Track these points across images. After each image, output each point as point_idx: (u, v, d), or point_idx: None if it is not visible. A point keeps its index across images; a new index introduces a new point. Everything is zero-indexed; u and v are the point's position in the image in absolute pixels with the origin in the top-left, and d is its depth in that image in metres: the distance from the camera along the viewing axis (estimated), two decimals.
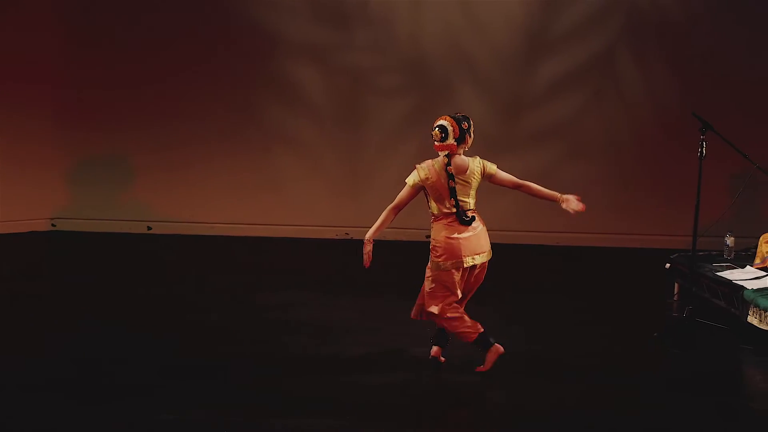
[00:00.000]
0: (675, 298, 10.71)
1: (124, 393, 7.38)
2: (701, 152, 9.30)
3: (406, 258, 10.56)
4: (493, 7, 13.98)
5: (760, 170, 9.93)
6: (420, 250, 13.47)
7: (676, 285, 10.78)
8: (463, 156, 8.21)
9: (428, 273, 8.08)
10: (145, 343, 8.73)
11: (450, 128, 8.06)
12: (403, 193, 8.04)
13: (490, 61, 14.11)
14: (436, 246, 8.03)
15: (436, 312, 7.98)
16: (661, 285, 11.00)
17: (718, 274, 9.86)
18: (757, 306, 8.79)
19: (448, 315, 7.99)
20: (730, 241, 10.72)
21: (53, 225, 14.39)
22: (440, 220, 8.03)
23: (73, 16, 14.20)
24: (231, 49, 14.17)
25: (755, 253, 10.39)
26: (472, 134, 8.29)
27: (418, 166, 8.08)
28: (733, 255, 10.70)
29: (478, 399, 7.53)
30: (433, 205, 8.05)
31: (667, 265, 10.87)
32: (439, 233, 8.01)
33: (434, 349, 8.24)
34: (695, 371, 8.27)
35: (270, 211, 14.19)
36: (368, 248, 7.94)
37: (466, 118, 8.21)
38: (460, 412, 7.34)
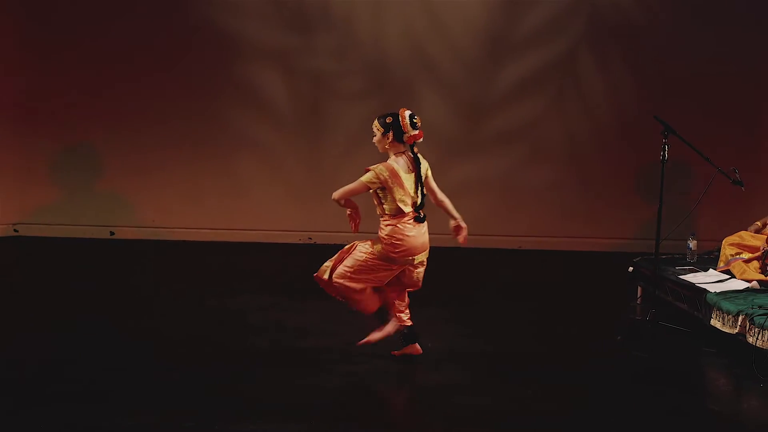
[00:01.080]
0: (638, 301, 10.74)
1: (74, 398, 7.30)
2: (663, 155, 9.35)
3: None
4: (454, 10, 13.98)
5: (721, 173, 9.96)
6: None
7: (639, 288, 10.80)
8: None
9: (366, 253, 8.22)
10: (101, 349, 8.63)
11: (396, 122, 8.33)
12: (357, 188, 8.24)
13: (452, 64, 14.11)
14: (395, 242, 8.15)
15: (349, 285, 8.23)
16: (623, 288, 11.02)
17: (681, 277, 9.89)
18: (720, 309, 8.81)
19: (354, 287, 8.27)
20: (692, 244, 10.75)
21: (15, 230, 14.28)
22: (398, 217, 8.18)
23: (31, 21, 14.07)
24: (192, 53, 14.09)
25: (718, 256, 10.43)
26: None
27: (376, 168, 8.20)
28: (696, 258, 10.73)
29: (443, 400, 7.51)
30: (390, 204, 8.17)
31: (630, 268, 10.89)
32: (399, 231, 8.18)
33: (409, 348, 8.38)
34: (657, 374, 8.30)
35: (233, 216, 14.13)
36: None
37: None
38: (427, 413, 7.32)
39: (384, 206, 8.23)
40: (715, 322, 8.87)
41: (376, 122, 8.37)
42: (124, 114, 14.14)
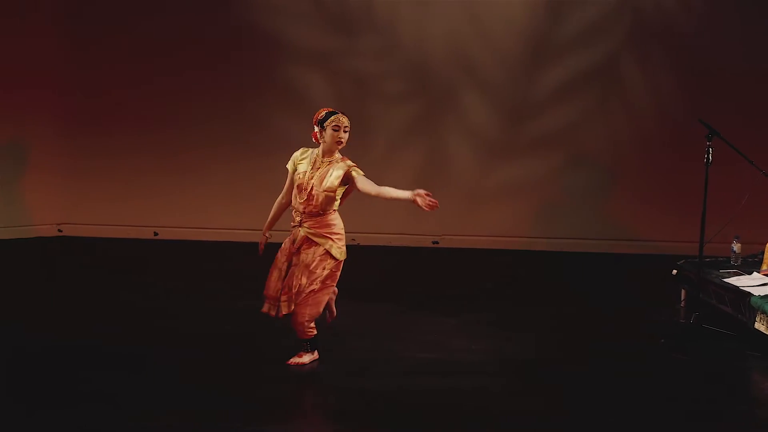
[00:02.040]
0: (682, 304, 10.68)
1: (93, 399, 7.31)
2: (708, 159, 9.31)
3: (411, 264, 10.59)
4: (496, 13, 13.97)
5: (766, 176, 9.90)
6: (426, 255, 13.52)
7: (682, 291, 10.75)
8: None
9: (330, 269, 8.14)
10: (131, 349, 8.65)
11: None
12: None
13: (494, 66, 14.09)
14: (341, 235, 8.22)
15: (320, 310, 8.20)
16: (667, 291, 10.97)
17: (725, 280, 9.83)
18: (764, 312, 8.76)
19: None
20: (736, 247, 10.68)
21: (59, 230, 14.38)
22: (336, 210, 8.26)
23: (77, 21, 14.20)
24: (235, 53, 14.16)
25: (762, 259, 10.37)
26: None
27: (352, 163, 8.17)
28: (740, 261, 10.67)
29: (476, 403, 7.51)
30: (340, 197, 8.22)
31: (674, 271, 10.83)
32: (340, 222, 8.24)
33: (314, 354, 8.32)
34: (701, 378, 8.26)
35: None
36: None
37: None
38: (462, 417, 7.32)
39: (337, 201, 8.19)
40: (759, 326, 8.82)
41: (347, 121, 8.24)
42: (167, 113, 14.22)
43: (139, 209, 14.34)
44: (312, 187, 8.06)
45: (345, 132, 8.13)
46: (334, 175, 8.04)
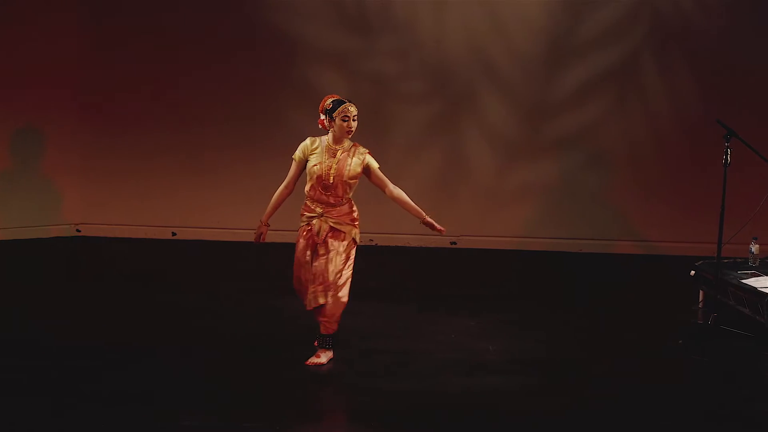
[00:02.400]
0: (699, 305, 10.66)
1: (126, 399, 7.34)
2: (726, 159, 9.29)
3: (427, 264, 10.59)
4: (515, 13, 13.96)
5: None
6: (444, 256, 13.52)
7: (700, 292, 10.73)
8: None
9: (350, 254, 8.19)
10: (155, 349, 8.70)
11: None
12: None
13: (512, 67, 14.08)
14: (358, 220, 8.32)
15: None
16: (685, 292, 10.96)
17: (743, 281, 9.80)
18: None
19: None
20: (755, 248, 10.66)
21: (78, 230, 14.43)
22: None
23: (95, 21, 14.24)
24: (254, 54, 14.18)
25: None
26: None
27: (365, 149, 8.30)
28: (758, 262, 10.64)
29: (497, 403, 7.52)
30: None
31: (692, 272, 10.81)
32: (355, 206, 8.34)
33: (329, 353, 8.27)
34: (719, 379, 8.25)
35: (294, 217, 14.13)
36: None
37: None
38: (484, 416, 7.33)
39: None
40: None
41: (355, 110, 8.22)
42: (185, 114, 14.24)
43: (158, 209, 14.37)
44: (333, 177, 8.10)
45: (354, 121, 8.15)
46: (354, 163, 8.14)
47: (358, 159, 8.14)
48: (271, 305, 10.47)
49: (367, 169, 8.20)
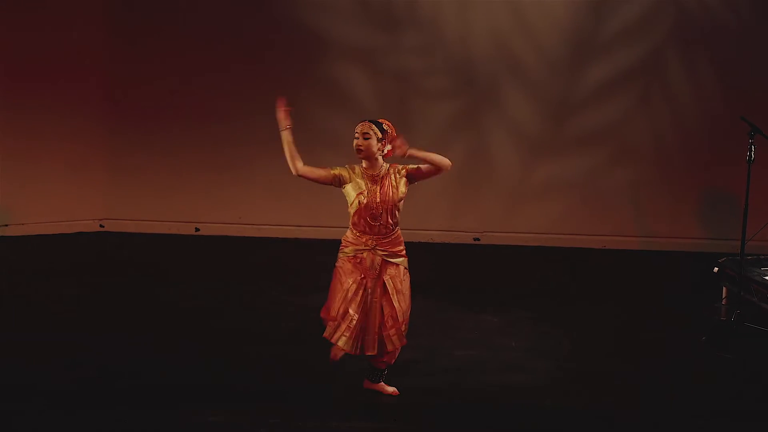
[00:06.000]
0: (723, 302, 10.64)
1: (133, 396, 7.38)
2: (750, 156, 9.28)
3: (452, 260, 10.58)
4: (540, 10, 13.94)
5: None
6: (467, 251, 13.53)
7: (724, 289, 10.71)
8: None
9: (407, 283, 7.64)
10: (177, 347, 8.75)
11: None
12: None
13: (537, 63, 14.06)
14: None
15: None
16: (708, 289, 10.94)
17: (767, 278, 9.80)
18: None
19: None
20: None
21: (101, 226, 14.46)
22: None
23: (121, 16, 14.26)
24: (279, 50, 14.19)
25: None
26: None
27: (401, 166, 7.81)
28: None
29: (520, 400, 7.53)
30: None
31: (716, 269, 10.80)
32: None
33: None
34: (743, 376, 8.25)
35: (318, 213, 14.18)
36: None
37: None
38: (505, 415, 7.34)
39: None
40: None
41: (375, 127, 7.88)
42: (209, 109, 14.25)
43: (181, 205, 14.39)
44: (380, 206, 7.64)
45: (365, 139, 7.76)
46: (401, 184, 7.72)
47: (401, 179, 7.71)
48: (292, 301, 10.50)
49: (411, 176, 7.77)
